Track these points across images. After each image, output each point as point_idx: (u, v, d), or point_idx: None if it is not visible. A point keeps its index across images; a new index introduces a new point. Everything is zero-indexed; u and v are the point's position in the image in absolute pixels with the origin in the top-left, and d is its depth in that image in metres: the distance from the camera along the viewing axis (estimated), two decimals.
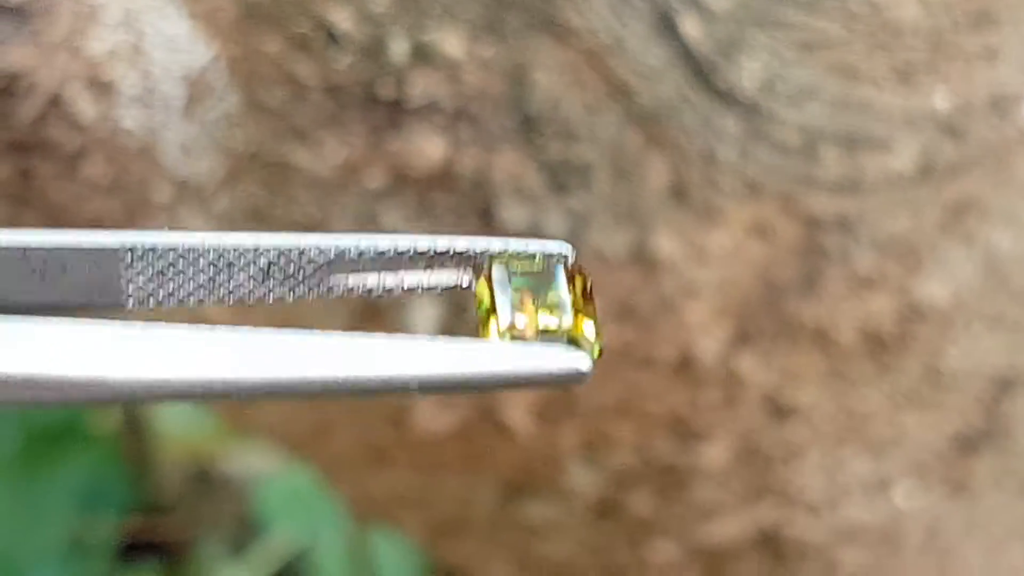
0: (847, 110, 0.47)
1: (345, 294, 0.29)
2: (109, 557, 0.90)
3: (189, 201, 0.45)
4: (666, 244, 0.48)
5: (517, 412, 0.52)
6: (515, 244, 0.29)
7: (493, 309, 0.29)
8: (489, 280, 0.29)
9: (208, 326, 0.27)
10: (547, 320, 0.29)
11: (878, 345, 0.52)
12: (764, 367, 0.51)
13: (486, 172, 0.46)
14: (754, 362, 0.51)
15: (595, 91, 0.45)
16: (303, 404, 0.55)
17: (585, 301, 0.29)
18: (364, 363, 0.27)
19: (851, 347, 0.52)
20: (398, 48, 0.44)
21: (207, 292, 0.29)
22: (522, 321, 0.28)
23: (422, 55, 0.44)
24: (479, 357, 0.28)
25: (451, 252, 0.29)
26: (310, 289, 0.29)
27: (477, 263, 0.29)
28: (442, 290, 0.29)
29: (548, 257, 0.29)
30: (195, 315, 0.30)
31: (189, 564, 0.93)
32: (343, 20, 0.43)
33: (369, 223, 0.46)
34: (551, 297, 0.29)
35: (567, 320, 0.29)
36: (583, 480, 0.55)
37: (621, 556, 0.58)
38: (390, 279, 0.29)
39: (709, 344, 0.50)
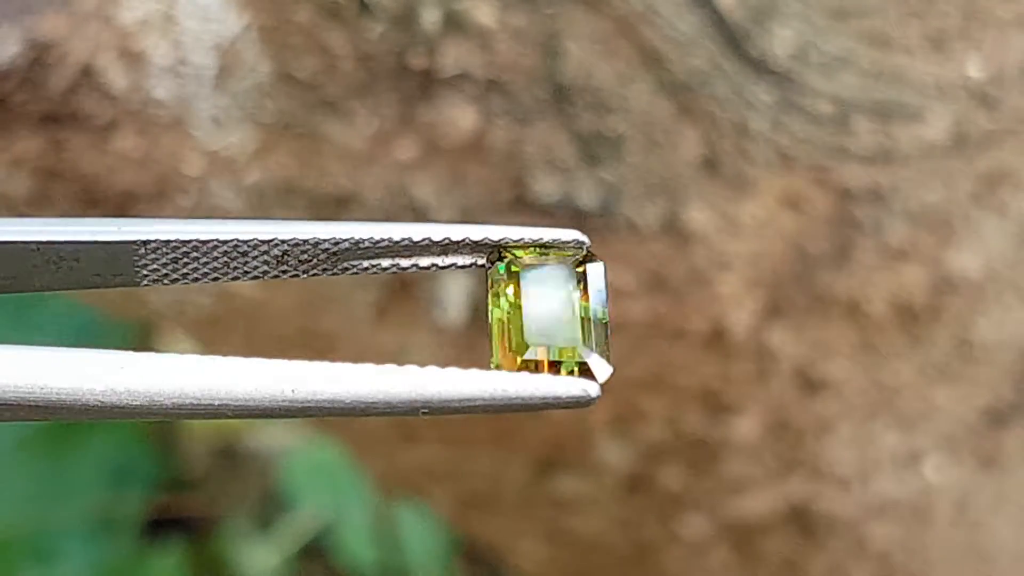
0: (880, 79, 0.46)
1: (359, 274, 0.29)
2: (135, 533, 0.90)
3: (220, 173, 0.45)
4: (698, 215, 0.48)
5: None
6: (530, 234, 0.29)
7: (503, 333, 0.29)
8: (501, 292, 0.29)
9: (223, 358, 0.27)
10: (556, 346, 0.28)
11: (909, 317, 0.52)
12: (796, 340, 0.51)
13: (518, 143, 0.46)
14: (786, 335, 0.51)
15: (627, 60, 0.45)
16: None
17: (593, 303, 0.29)
18: (374, 386, 0.27)
19: (882, 319, 0.51)
20: (430, 17, 0.43)
21: (222, 275, 0.29)
22: (532, 355, 0.28)
23: (454, 24, 0.44)
24: (485, 384, 0.28)
25: (466, 241, 0.29)
26: (324, 271, 0.29)
27: (492, 251, 0.29)
28: (456, 268, 0.29)
29: (564, 243, 0.29)
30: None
31: (215, 540, 0.93)
32: None
33: (400, 195, 0.46)
34: (563, 312, 0.29)
35: (577, 344, 0.29)
36: (613, 455, 0.55)
37: (651, 531, 0.58)
38: (404, 262, 0.29)
39: (741, 316, 0.50)
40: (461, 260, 0.29)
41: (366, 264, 0.29)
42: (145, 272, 0.29)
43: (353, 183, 0.46)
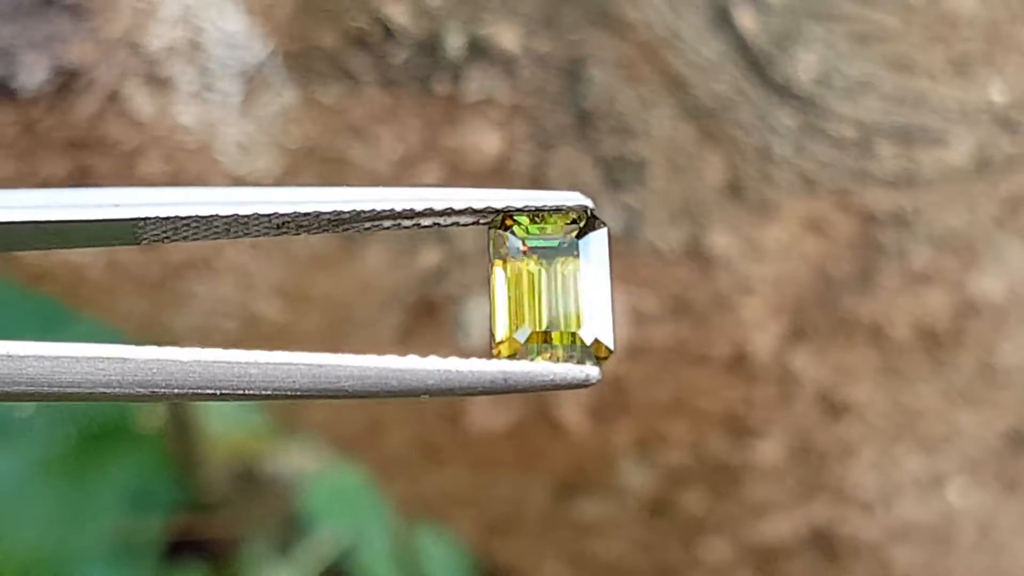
0: (903, 103, 0.46)
1: (360, 232, 0.29)
2: (156, 556, 0.90)
3: None
4: (721, 240, 0.48)
5: (571, 410, 0.52)
6: (533, 198, 0.29)
7: (516, 311, 0.28)
8: (522, 268, 0.29)
9: (228, 351, 0.28)
10: (556, 328, 0.28)
11: (933, 341, 0.51)
12: (819, 363, 0.51)
13: (542, 168, 0.46)
14: (809, 358, 0.51)
15: (651, 85, 0.45)
16: (354, 401, 0.55)
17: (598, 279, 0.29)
18: (376, 378, 0.28)
19: (906, 343, 0.51)
20: (454, 43, 0.43)
21: (221, 237, 0.29)
22: (524, 335, 0.28)
23: (478, 50, 0.44)
24: (485, 370, 0.28)
25: (468, 210, 0.29)
26: (324, 231, 0.29)
27: (495, 215, 0.29)
28: (459, 225, 0.29)
29: (567, 208, 0.29)
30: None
31: (235, 563, 0.93)
32: (399, 14, 0.43)
33: None
34: (563, 291, 0.28)
35: (577, 328, 0.28)
36: (636, 478, 0.55)
37: (674, 555, 0.58)
38: (406, 222, 0.29)
39: (764, 340, 0.50)
40: (463, 219, 0.29)
41: (368, 224, 0.29)
42: (144, 236, 0.29)
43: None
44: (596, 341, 0.28)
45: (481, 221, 0.29)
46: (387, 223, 0.29)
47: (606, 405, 0.52)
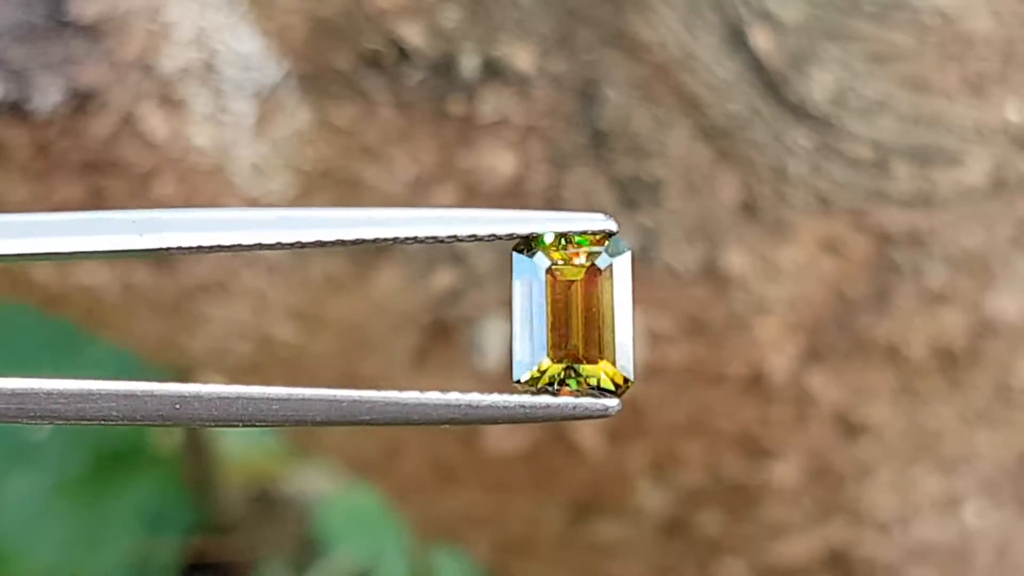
0: (919, 123, 0.46)
1: (380, 244, 0.29)
2: None
3: None
4: (737, 260, 0.48)
5: (587, 432, 0.52)
6: (557, 219, 0.28)
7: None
8: (524, 291, 0.29)
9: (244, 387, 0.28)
10: (578, 359, 0.28)
11: (949, 361, 0.51)
12: (835, 384, 0.51)
13: (557, 188, 0.46)
14: (825, 379, 0.51)
15: (666, 106, 0.45)
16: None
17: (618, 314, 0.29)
18: (400, 407, 0.28)
19: (922, 363, 0.51)
20: (469, 63, 0.43)
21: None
22: (549, 372, 0.28)
23: (493, 71, 0.44)
24: (507, 407, 0.28)
25: (491, 236, 0.29)
26: (339, 245, 0.29)
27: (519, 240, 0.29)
28: (477, 239, 0.29)
29: (592, 232, 0.29)
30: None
31: None
32: (414, 36, 0.43)
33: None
34: (587, 318, 0.28)
35: (600, 357, 0.28)
36: (652, 499, 0.55)
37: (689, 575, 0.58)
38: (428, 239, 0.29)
39: (780, 361, 0.50)
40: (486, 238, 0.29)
41: (387, 241, 0.29)
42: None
43: None
44: (620, 372, 0.28)
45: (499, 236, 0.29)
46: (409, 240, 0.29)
47: (622, 426, 0.52)
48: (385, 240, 0.28)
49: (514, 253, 0.28)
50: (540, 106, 0.44)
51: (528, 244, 0.28)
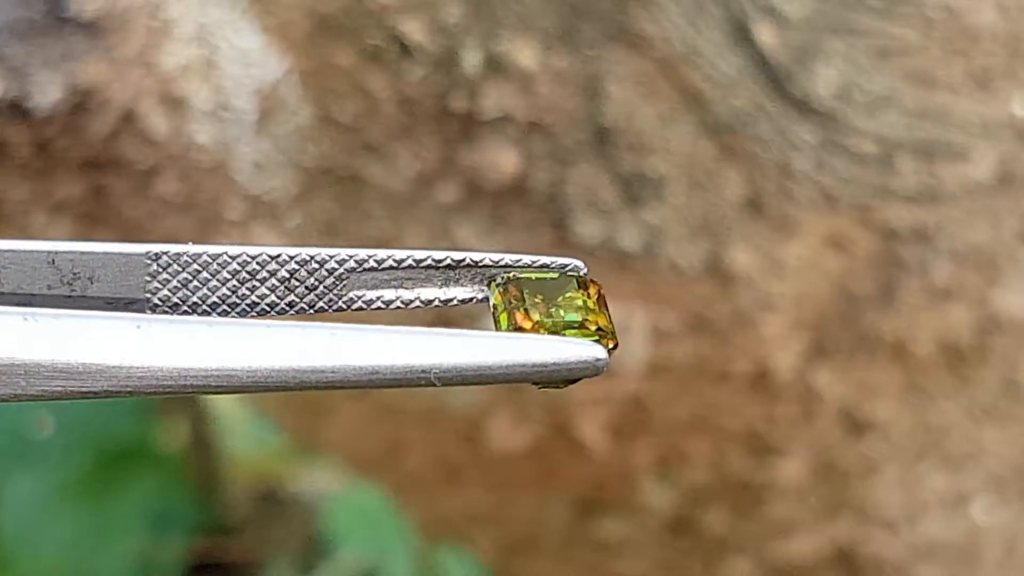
0: (924, 118, 0.46)
1: (365, 307, 0.29)
2: None
3: (262, 217, 0.45)
4: (741, 256, 0.48)
5: (591, 429, 0.52)
6: (529, 259, 0.29)
7: (508, 308, 0.29)
8: (505, 288, 0.29)
9: (226, 320, 0.28)
10: (561, 317, 0.28)
11: (956, 357, 0.51)
12: (841, 381, 0.51)
13: (560, 185, 0.46)
14: (831, 376, 0.51)
15: (669, 101, 0.45)
16: (374, 422, 0.55)
17: (599, 307, 0.29)
18: (383, 354, 0.27)
19: (929, 360, 0.51)
20: (471, 59, 0.43)
21: (231, 303, 0.29)
22: (536, 315, 0.28)
23: (495, 66, 0.44)
24: (496, 347, 0.28)
25: (466, 262, 0.29)
26: (331, 301, 0.29)
27: (493, 275, 0.29)
28: (459, 302, 0.29)
29: (563, 268, 0.29)
30: None
31: None
32: (416, 32, 0.43)
33: (442, 237, 0.46)
34: (565, 300, 0.29)
35: (581, 317, 0.29)
36: (657, 497, 0.55)
37: (695, 574, 0.58)
38: (407, 294, 0.29)
39: (785, 358, 0.50)
40: (462, 293, 0.29)
41: (371, 296, 0.29)
42: (156, 300, 0.29)
43: (395, 226, 0.46)
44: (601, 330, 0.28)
45: (478, 297, 0.29)
46: (389, 294, 0.29)
47: (626, 423, 0.52)
48: (366, 262, 0.29)
49: (492, 290, 0.29)
50: (543, 102, 0.44)
51: (503, 280, 0.29)
